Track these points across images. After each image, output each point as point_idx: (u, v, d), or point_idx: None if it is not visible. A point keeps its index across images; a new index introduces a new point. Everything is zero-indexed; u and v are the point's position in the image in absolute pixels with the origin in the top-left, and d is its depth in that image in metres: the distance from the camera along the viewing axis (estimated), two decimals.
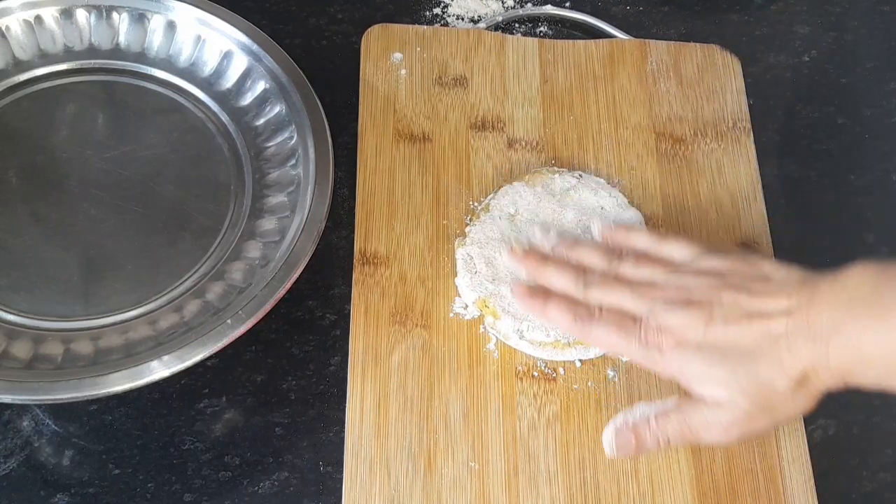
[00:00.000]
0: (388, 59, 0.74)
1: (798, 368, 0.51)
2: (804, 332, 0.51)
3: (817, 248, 0.72)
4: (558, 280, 0.60)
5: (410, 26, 0.76)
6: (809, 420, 0.63)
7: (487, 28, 0.78)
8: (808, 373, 0.51)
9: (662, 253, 0.60)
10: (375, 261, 0.66)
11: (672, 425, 0.54)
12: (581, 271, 0.60)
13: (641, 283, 0.58)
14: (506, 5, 0.81)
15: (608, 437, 0.56)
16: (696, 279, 0.57)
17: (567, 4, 0.81)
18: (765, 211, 0.71)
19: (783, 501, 0.60)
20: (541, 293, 0.60)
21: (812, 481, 0.61)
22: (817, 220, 0.73)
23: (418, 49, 0.75)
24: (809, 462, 0.62)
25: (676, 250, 0.60)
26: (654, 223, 0.69)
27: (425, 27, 0.77)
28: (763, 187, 0.72)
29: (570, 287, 0.60)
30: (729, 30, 0.82)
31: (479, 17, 0.80)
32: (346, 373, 0.63)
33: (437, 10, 0.80)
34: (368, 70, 0.74)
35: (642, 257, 0.60)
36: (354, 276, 0.65)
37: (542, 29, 0.80)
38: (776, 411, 0.53)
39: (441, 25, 0.79)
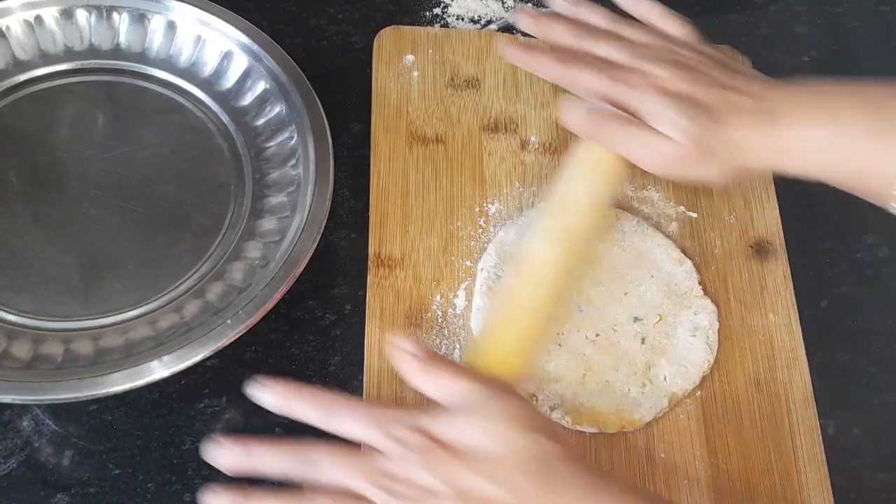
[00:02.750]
0: (401, 61, 0.74)
1: (742, 140, 0.59)
2: (762, 114, 0.59)
3: (817, 248, 0.72)
4: (561, 32, 0.65)
5: (422, 28, 0.76)
6: None
7: (498, 29, 0.78)
8: (745, 148, 0.59)
9: (658, 27, 0.66)
10: (390, 263, 0.66)
11: (624, 135, 0.61)
12: (581, 28, 0.66)
13: (636, 43, 0.64)
14: (506, 6, 0.81)
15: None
16: (688, 51, 0.63)
17: None
18: (778, 212, 0.70)
19: (799, 501, 0.60)
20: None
21: (828, 481, 0.61)
22: (817, 220, 0.73)
23: (430, 51, 0.75)
24: (825, 462, 0.61)
25: (675, 28, 0.66)
26: (667, 225, 0.69)
27: (437, 29, 0.77)
28: None
29: (568, 38, 0.65)
30: (729, 30, 0.81)
31: (480, 17, 0.80)
32: (346, 373, 0.63)
33: (437, 10, 0.80)
34: (381, 72, 0.74)
35: (644, 26, 0.66)
36: (369, 278, 0.65)
37: None
38: (702, 167, 0.60)
39: (441, 26, 0.79)
